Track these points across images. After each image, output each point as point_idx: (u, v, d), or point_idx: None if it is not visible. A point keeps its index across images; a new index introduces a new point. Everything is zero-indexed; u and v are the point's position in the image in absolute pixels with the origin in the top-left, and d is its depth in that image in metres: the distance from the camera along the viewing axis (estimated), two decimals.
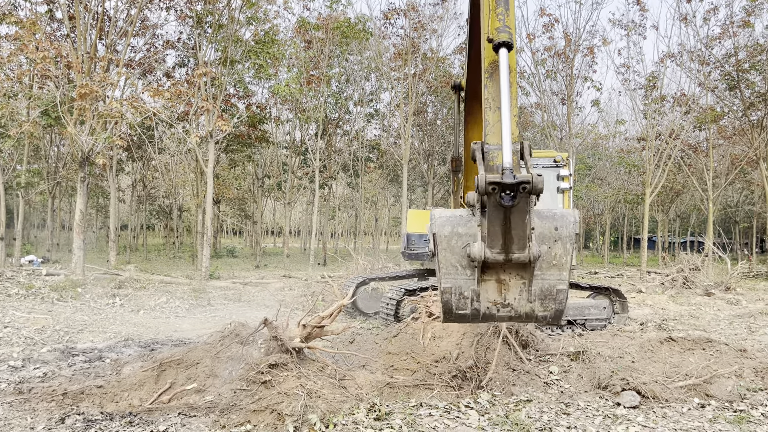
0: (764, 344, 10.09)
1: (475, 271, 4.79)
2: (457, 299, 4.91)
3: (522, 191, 4.34)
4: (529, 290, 4.76)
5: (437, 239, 4.94)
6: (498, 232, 4.64)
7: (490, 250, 4.70)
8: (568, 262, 4.65)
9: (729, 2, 25.45)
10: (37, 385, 6.38)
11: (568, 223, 4.67)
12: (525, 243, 4.61)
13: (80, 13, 17.75)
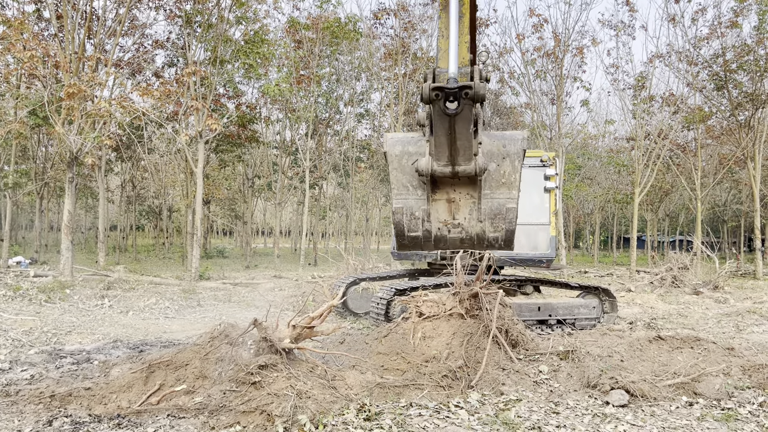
0: (752, 342, 10.17)
1: (425, 191, 4.82)
2: (409, 220, 5.00)
3: (464, 96, 4.36)
4: (479, 209, 4.80)
5: (389, 159, 5.05)
6: (444, 142, 4.65)
7: (436, 163, 4.75)
8: (516, 180, 4.69)
9: (717, 3, 25.71)
10: (25, 387, 6.33)
11: (516, 140, 4.71)
12: (471, 154, 4.63)
13: (68, 12, 17.62)
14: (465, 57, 4.95)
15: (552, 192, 11.47)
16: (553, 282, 12.94)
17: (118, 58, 22.41)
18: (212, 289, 17.53)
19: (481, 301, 8.11)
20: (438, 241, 5.07)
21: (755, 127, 25.80)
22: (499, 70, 29.50)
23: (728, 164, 30.21)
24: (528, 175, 11.73)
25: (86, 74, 16.85)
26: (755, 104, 25.27)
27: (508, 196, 4.75)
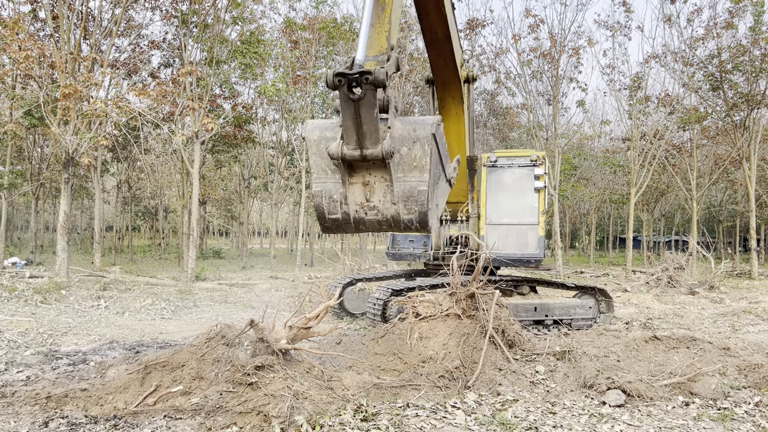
0: (747, 342, 10.20)
1: (342, 174, 5.12)
2: (328, 202, 5.26)
3: (366, 82, 4.60)
4: (392, 192, 5.01)
5: (307, 144, 5.36)
6: (351, 126, 4.90)
7: (346, 147, 5.01)
8: (427, 164, 4.87)
9: (713, 3, 25.82)
10: (21, 388, 6.31)
11: (426, 125, 4.90)
12: (377, 138, 4.87)
13: (64, 12, 17.58)
14: (382, 45, 5.22)
15: (541, 192, 11.49)
16: (549, 282, 12.97)
17: (114, 59, 22.37)
18: (208, 289, 17.50)
19: (477, 301, 8.12)
20: (357, 223, 5.31)
21: (750, 127, 25.88)
22: (495, 71, 29.53)
23: (724, 164, 30.31)
24: (517, 174, 11.73)
25: (82, 75, 16.81)
26: (750, 105, 25.35)
27: (419, 179, 4.95)
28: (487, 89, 31.96)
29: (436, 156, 5.03)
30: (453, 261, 8.73)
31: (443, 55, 10.11)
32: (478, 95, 32.05)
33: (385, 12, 5.44)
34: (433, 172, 5.00)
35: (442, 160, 5.34)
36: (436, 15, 8.90)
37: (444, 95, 11.40)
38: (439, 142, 5.10)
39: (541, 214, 11.41)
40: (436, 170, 5.14)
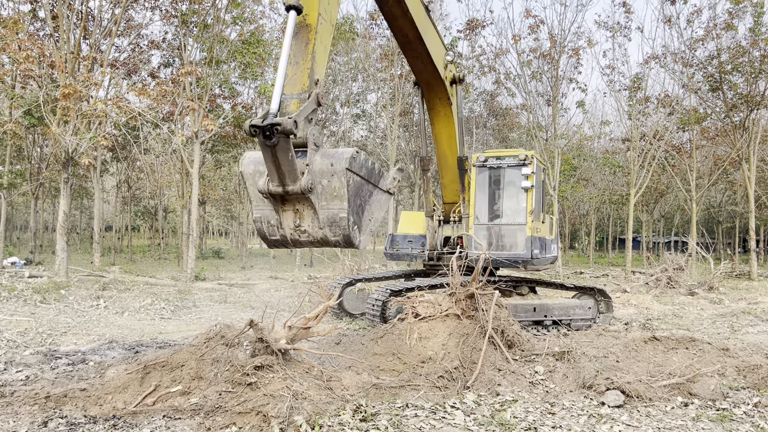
0: (747, 343, 10.21)
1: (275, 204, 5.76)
2: (267, 227, 5.92)
3: (276, 132, 5.10)
4: (318, 218, 5.60)
5: (244, 177, 5.97)
6: (272, 167, 5.46)
7: (271, 183, 5.59)
8: (345, 193, 5.44)
9: (712, 4, 25.81)
10: (20, 388, 6.31)
11: (341, 159, 5.43)
12: (296, 176, 5.43)
13: (64, 12, 17.58)
14: (304, 83, 5.69)
15: (529, 191, 11.41)
16: (548, 283, 12.99)
17: (114, 59, 22.35)
18: (208, 290, 17.50)
19: (477, 301, 8.12)
20: (294, 243, 5.93)
21: (750, 128, 25.89)
22: (495, 71, 29.52)
23: (723, 165, 30.32)
24: (506, 174, 11.71)
25: (82, 74, 16.81)
26: (750, 106, 25.36)
27: (340, 207, 5.52)
28: (487, 90, 31.97)
29: (356, 184, 5.57)
30: (452, 261, 8.74)
31: (419, 57, 10.25)
32: (478, 95, 32.07)
33: (308, 48, 5.79)
34: (354, 199, 5.58)
35: (369, 181, 5.85)
36: (403, 19, 9.07)
37: (430, 96, 11.46)
38: (358, 170, 5.60)
39: (529, 214, 11.34)
40: (360, 194, 5.70)
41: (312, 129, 5.60)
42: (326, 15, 6.08)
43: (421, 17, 9.48)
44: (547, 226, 12.60)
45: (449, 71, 11.22)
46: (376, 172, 5.96)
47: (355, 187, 5.59)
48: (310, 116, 5.59)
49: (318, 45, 5.89)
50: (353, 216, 5.58)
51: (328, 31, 6.18)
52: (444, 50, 11.00)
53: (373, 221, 6.08)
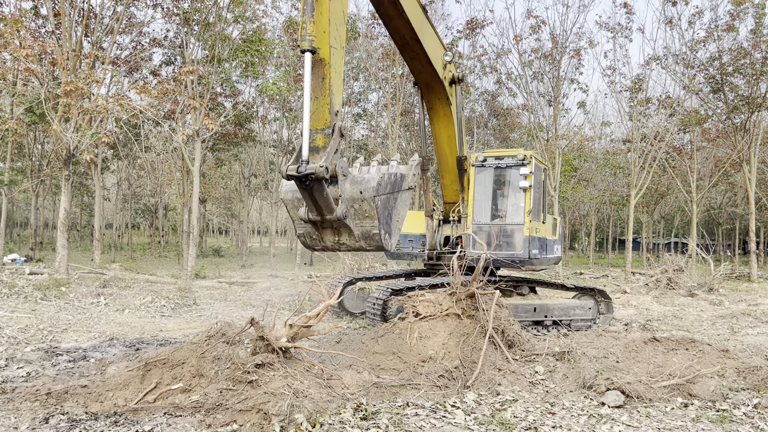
0: (746, 345, 10.22)
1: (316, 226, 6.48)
2: (311, 240, 6.68)
3: (311, 180, 5.75)
4: (354, 234, 6.31)
5: (285, 203, 6.72)
6: (310, 203, 6.15)
7: (310, 213, 6.28)
8: (375, 214, 6.15)
9: (714, 6, 25.75)
10: (21, 384, 6.32)
11: (369, 188, 6.11)
12: (332, 208, 6.10)
13: (66, 9, 17.59)
14: (326, 118, 6.13)
15: (527, 191, 11.36)
16: (549, 283, 13.00)
17: (116, 56, 22.37)
18: (208, 287, 17.51)
19: (477, 301, 8.13)
20: (335, 250, 6.65)
21: (751, 130, 25.89)
22: (496, 72, 29.53)
23: (724, 167, 30.33)
24: (505, 174, 11.69)
25: (83, 72, 16.81)
26: (751, 107, 25.36)
27: (371, 225, 6.23)
28: (489, 90, 31.97)
29: (383, 201, 6.26)
30: (453, 261, 8.74)
31: (417, 57, 10.31)
32: (479, 95, 32.06)
33: (325, 83, 6.17)
34: (382, 213, 6.28)
35: (394, 191, 6.50)
36: (399, 20, 9.14)
37: (430, 97, 11.47)
38: (383, 192, 6.28)
39: (527, 214, 11.30)
40: (387, 206, 6.38)
41: (340, 161, 6.11)
42: (337, 42, 6.33)
43: (418, 18, 9.52)
44: (549, 226, 12.56)
45: (448, 71, 11.20)
46: (399, 180, 6.52)
47: (383, 204, 6.27)
48: (338, 148, 6.10)
49: (333, 76, 6.19)
50: (384, 228, 6.31)
51: (340, 56, 6.43)
52: (443, 50, 11.00)
53: (401, 220, 6.72)
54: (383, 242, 6.28)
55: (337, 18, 6.35)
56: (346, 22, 6.61)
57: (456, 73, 11.35)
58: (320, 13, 6.18)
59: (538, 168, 12.03)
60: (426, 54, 10.16)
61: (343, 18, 6.56)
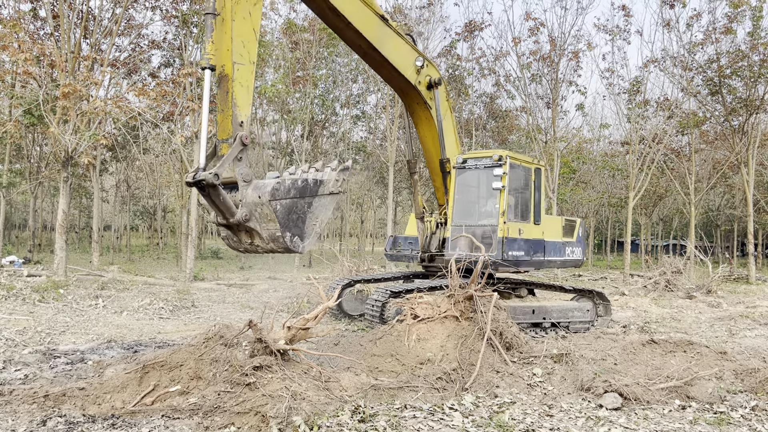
0: (744, 347, 10.23)
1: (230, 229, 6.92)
2: (232, 242, 7.05)
3: (205, 186, 6.20)
4: (263, 237, 6.64)
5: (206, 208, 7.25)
6: (214, 208, 6.61)
7: (218, 217, 6.73)
8: (275, 217, 6.46)
9: (712, 9, 25.81)
10: (18, 387, 6.32)
11: (265, 192, 6.42)
12: (232, 212, 6.47)
13: (64, 11, 17.58)
14: (229, 129, 6.68)
15: (501, 192, 11.24)
16: (547, 285, 13.00)
17: (114, 58, 22.36)
18: (207, 289, 17.49)
19: (475, 303, 8.14)
20: (253, 251, 7.02)
21: (749, 132, 25.92)
22: (495, 74, 29.55)
23: (722, 169, 30.35)
24: (482, 175, 11.64)
25: (82, 74, 16.81)
26: (749, 110, 25.39)
27: (275, 228, 6.53)
28: (487, 92, 31.98)
29: (285, 206, 6.57)
30: (452, 263, 8.75)
31: (383, 66, 10.45)
32: (478, 98, 32.10)
33: (228, 96, 6.71)
34: (287, 217, 6.59)
35: (304, 196, 6.78)
36: (348, 30, 9.43)
37: (408, 102, 11.58)
38: (284, 196, 6.56)
39: (501, 215, 11.17)
40: (294, 210, 6.69)
41: (241, 168, 6.54)
42: (244, 58, 6.84)
43: (372, 28, 9.64)
44: (547, 227, 12.44)
45: (424, 76, 11.21)
46: (311, 185, 6.82)
47: (286, 208, 6.58)
48: (239, 156, 6.51)
49: (237, 90, 6.72)
50: (290, 230, 6.62)
51: (248, 70, 6.91)
52: (413, 56, 10.96)
53: (319, 224, 6.99)
54: (288, 244, 6.58)
55: (244, 35, 6.88)
56: (257, 39, 7.13)
57: (434, 77, 11.33)
58: (224, 32, 6.77)
59: (524, 168, 11.88)
60: (389, 62, 10.28)
61: (254, 35, 7.04)
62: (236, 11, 6.80)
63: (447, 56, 28.96)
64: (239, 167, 6.51)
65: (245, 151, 6.59)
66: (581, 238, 13.56)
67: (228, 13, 6.78)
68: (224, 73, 6.75)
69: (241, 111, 6.74)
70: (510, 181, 11.41)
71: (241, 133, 6.57)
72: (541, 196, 12.08)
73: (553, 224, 12.73)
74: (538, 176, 12.12)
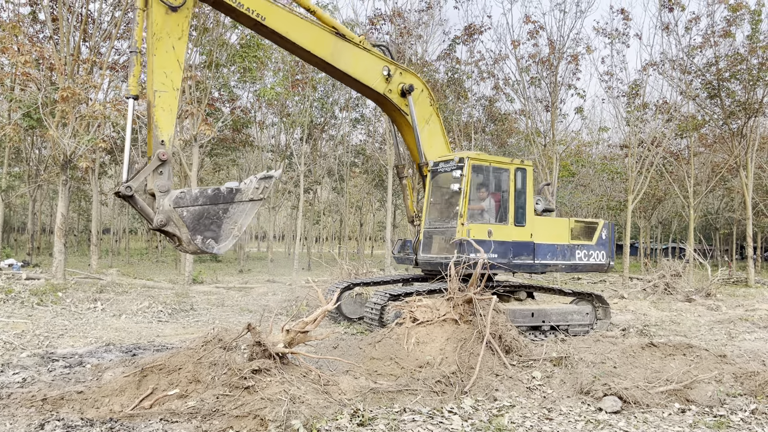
0: (744, 350, 10.22)
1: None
2: (170, 243, 8.03)
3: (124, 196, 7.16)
4: (182, 240, 7.41)
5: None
6: (139, 214, 7.59)
7: (147, 224, 7.70)
8: (183, 223, 7.34)
9: (710, 12, 25.81)
10: (17, 390, 6.30)
11: (171, 200, 7.31)
12: (150, 218, 7.33)
13: (63, 14, 17.59)
14: (151, 149, 7.58)
15: (463, 194, 11.11)
16: (547, 288, 12.97)
17: (114, 61, 22.36)
18: (205, 293, 17.47)
19: (474, 306, 8.13)
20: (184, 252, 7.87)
21: (748, 135, 25.95)
22: (494, 77, 29.57)
23: (721, 172, 30.37)
24: (450, 178, 11.60)
25: (81, 77, 16.81)
26: (748, 113, 25.42)
27: (185, 232, 7.38)
28: (486, 95, 32.00)
29: (193, 213, 7.41)
30: (451, 266, 8.74)
31: (345, 79, 10.68)
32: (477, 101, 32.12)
33: (150, 121, 7.66)
34: (197, 222, 7.42)
35: (217, 202, 7.56)
36: (299, 51, 9.99)
37: (386, 110, 11.80)
38: (191, 204, 7.42)
39: (460, 217, 11.04)
40: (206, 216, 7.51)
41: (159, 180, 7.36)
42: (165, 86, 7.81)
43: (324, 46, 10.06)
44: (550, 229, 12.14)
45: (395, 84, 11.25)
46: (224, 193, 7.63)
47: (194, 215, 7.42)
48: (159, 170, 7.39)
49: (158, 114, 7.66)
50: (202, 234, 7.43)
51: (171, 96, 7.86)
52: (379, 65, 10.99)
53: (238, 228, 7.73)
54: (201, 246, 7.44)
55: (167, 67, 7.85)
56: (181, 68, 8.13)
57: (407, 83, 11.36)
58: (149, 64, 7.89)
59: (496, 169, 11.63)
60: (350, 77, 10.59)
61: (177, 65, 8.00)
62: (158, 47, 7.80)
63: (446, 59, 28.98)
64: (158, 180, 7.39)
65: (164, 165, 7.45)
66: (605, 241, 12.87)
67: (150, 48, 7.86)
68: (148, 100, 7.78)
69: (162, 132, 7.65)
70: (475, 183, 11.35)
71: (158, 150, 7.46)
72: (525, 197, 11.67)
73: (552, 226, 12.40)
74: (521, 177, 11.69)
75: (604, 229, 12.88)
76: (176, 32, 8.07)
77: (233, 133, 27.89)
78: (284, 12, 9.52)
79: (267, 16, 9.22)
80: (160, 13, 7.84)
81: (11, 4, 19.89)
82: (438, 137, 12.10)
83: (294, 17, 9.67)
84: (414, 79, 11.60)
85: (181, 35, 8.11)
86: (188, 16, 8.29)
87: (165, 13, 7.86)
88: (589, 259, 12.57)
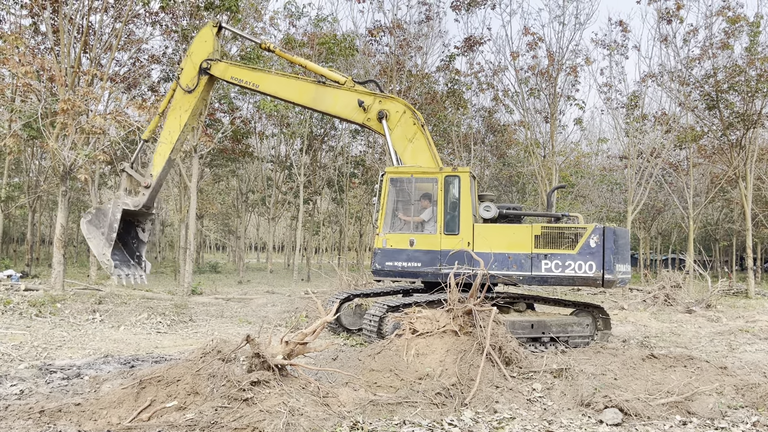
0: (744, 362, 10.19)
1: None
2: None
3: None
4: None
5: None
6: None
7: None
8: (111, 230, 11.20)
9: (709, 24, 25.95)
10: (14, 402, 6.27)
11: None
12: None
13: (64, 26, 17.66)
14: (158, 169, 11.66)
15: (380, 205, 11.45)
16: (546, 299, 12.93)
17: (114, 73, 22.44)
18: (204, 304, 17.43)
19: (474, 318, 8.10)
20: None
21: (746, 146, 26.00)
22: (493, 88, 29.68)
23: (720, 183, 30.41)
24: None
25: (81, 88, 16.85)
26: (746, 124, 25.49)
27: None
28: (485, 106, 32.12)
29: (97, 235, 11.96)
30: (450, 277, 8.72)
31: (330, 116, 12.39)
32: (476, 112, 32.22)
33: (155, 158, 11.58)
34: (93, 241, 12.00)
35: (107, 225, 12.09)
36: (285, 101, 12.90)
37: (374, 131, 12.49)
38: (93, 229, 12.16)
39: (375, 228, 11.55)
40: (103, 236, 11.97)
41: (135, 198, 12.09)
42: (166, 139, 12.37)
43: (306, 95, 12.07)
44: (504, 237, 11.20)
45: (373, 112, 11.86)
46: (106, 210, 11.35)
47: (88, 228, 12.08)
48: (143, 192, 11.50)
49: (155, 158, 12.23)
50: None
51: (167, 147, 12.27)
52: (354, 99, 11.91)
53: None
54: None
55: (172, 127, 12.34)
56: (180, 129, 12.28)
57: (383, 110, 11.85)
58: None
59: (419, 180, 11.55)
60: (323, 112, 12.66)
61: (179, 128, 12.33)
62: (171, 113, 12.02)
63: (445, 71, 29.10)
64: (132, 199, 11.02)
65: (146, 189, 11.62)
66: (595, 250, 10.74)
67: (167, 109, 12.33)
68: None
69: (154, 169, 11.93)
70: (393, 195, 11.56)
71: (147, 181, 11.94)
72: (459, 205, 11.19)
73: (505, 234, 11.30)
74: (452, 184, 11.30)
75: (594, 235, 10.78)
76: (185, 107, 12.32)
77: (233, 144, 27.94)
78: (272, 77, 12.47)
79: (260, 84, 12.38)
80: (180, 91, 12.51)
81: (13, 16, 19.98)
82: (424, 153, 12.05)
83: (280, 78, 12.44)
84: (393, 104, 11.95)
85: (188, 109, 12.36)
86: (197, 97, 12.41)
87: (182, 94, 12.42)
88: (565, 270, 10.90)
